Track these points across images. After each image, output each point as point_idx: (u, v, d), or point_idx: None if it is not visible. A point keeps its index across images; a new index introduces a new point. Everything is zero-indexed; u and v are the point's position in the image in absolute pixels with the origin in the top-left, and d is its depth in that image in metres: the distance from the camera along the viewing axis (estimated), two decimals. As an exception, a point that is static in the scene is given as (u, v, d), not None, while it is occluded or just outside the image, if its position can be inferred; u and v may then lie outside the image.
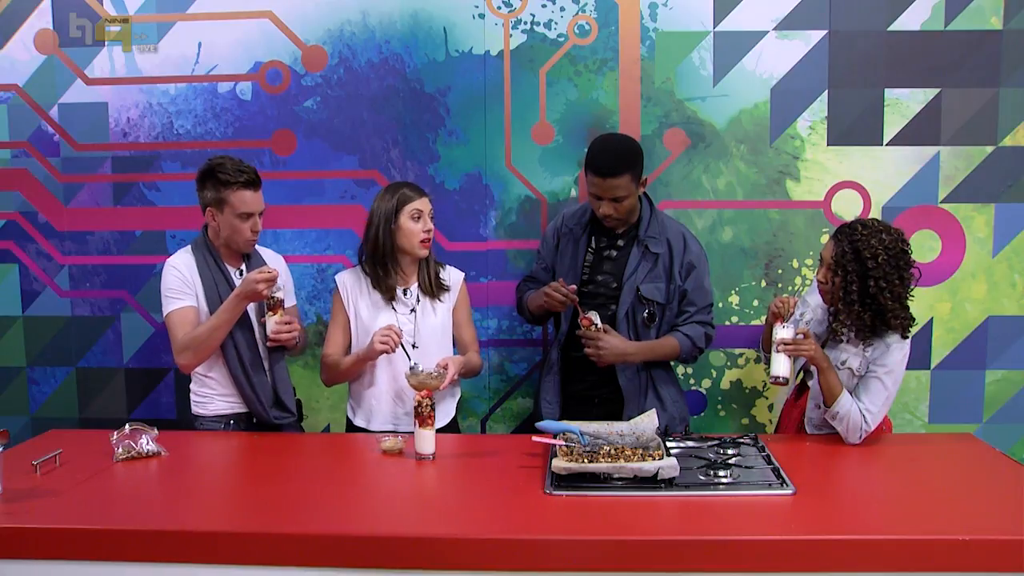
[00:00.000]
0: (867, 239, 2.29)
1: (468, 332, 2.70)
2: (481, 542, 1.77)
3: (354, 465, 2.31)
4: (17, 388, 3.26)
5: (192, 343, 2.48)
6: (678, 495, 1.97)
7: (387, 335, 2.45)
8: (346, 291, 2.64)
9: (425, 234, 2.56)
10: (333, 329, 2.66)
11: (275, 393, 2.61)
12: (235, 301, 2.46)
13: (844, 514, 1.94)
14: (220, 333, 2.48)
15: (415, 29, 3.01)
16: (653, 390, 2.63)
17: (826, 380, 2.31)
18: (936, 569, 1.72)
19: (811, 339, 2.31)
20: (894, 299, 2.29)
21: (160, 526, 1.86)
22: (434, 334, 2.61)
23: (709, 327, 2.65)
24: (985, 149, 2.95)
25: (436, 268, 2.66)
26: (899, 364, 2.34)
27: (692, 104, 2.99)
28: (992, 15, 2.90)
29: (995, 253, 2.99)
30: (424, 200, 2.57)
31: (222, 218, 2.52)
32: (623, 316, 2.59)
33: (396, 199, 2.55)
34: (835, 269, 2.33)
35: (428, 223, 2.57)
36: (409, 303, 2.61)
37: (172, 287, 2.53)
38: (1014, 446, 3.03)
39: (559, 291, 2.53)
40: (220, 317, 2.47)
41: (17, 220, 3.19)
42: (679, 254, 2.61)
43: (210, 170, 2.51)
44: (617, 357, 2.54)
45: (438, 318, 2.62)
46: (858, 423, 2.30)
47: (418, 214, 2.55)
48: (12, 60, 3.12)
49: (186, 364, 2.53)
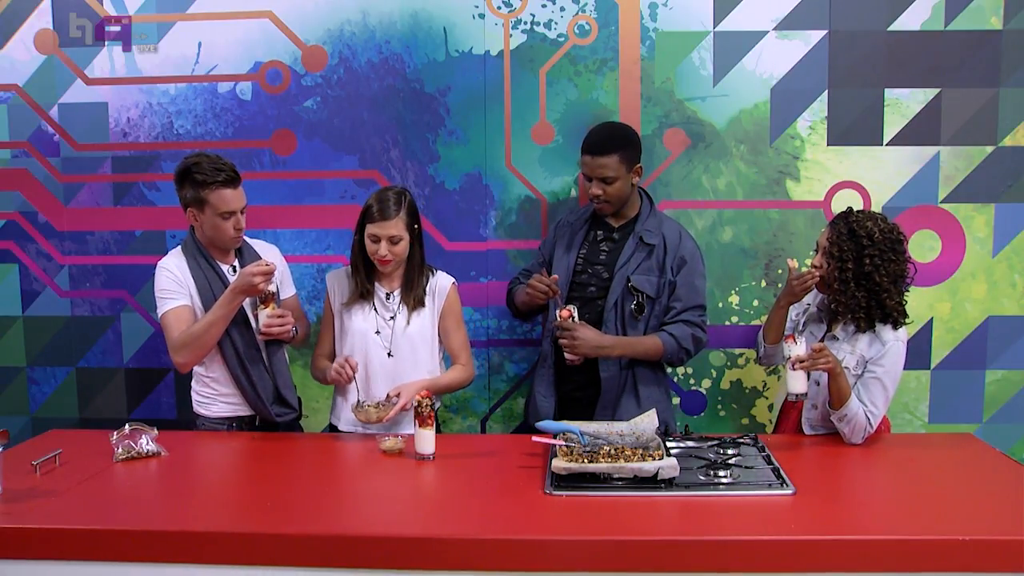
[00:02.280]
0: (863, 222, 2.37)
1: (456, 339, 2.64)
2: (481, 542, 1.77)
3: (354, 465, 2.31)
4: (17, 388, 3.26)
5: (189, 340, 2.45)
6: (678, 495, 1.97)
7: (340, 369, 2.45)
8: (333, 290, 2.65)
9: (380, 257, 2.48)
10: (322, 329, 2.69)
11: (275, 389, 2.60)
12: (231, 296, 2.43)
13: (844, 514, 1.94)
14: (216, 329, 2.45)
15: (415, 29, 3.01)
16: (633, 390, 2.62)
17: (837, 384, 2.31)
18: (936, 569, 1.72)
19: (826, 351, 2.29)
20: (889, 280, 2.33)
21: (160, 526, 1.86)
22: (411, 343, 2.56)
23: (699, 329, 2.62)
24: (985, 149, 2.95)
25: (426, 275, 2.60)
26: (897, 363, 2.36)
27: (692, 104, 2.99)
28: (992, 15, 2.90)
29: (995, 253, 2.99)
30: (384, 224, 2.45)
31: (204, 218, 2.49)
32: (611, 306, 2.60)
33: (364, 213, 2.50)
34: (831, 251, 2.38)
35: (384, 249, 2.46)
36: (391, 308, 2.58)
37: (165, 287, 2.51)
38: (1014, 446, 3.03)
39: (542, 282, 2.53)
40: (216, 313, 2.44)
41: (17, 220, 3.19)
42: (673, 248, 2.62)
43: (186, 170, 2.46)
44: (591, 350, 2.53)
45: (417, 327, 2.56)
46: (863, 424, 2.32)
47: (375, 238, 2.47)
48: (12, 60, 3.12)
49: (183, 363, 2.50)
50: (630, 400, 2.61)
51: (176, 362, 2.51)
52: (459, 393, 3.10)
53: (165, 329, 2.52)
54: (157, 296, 2.53)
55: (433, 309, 2.60)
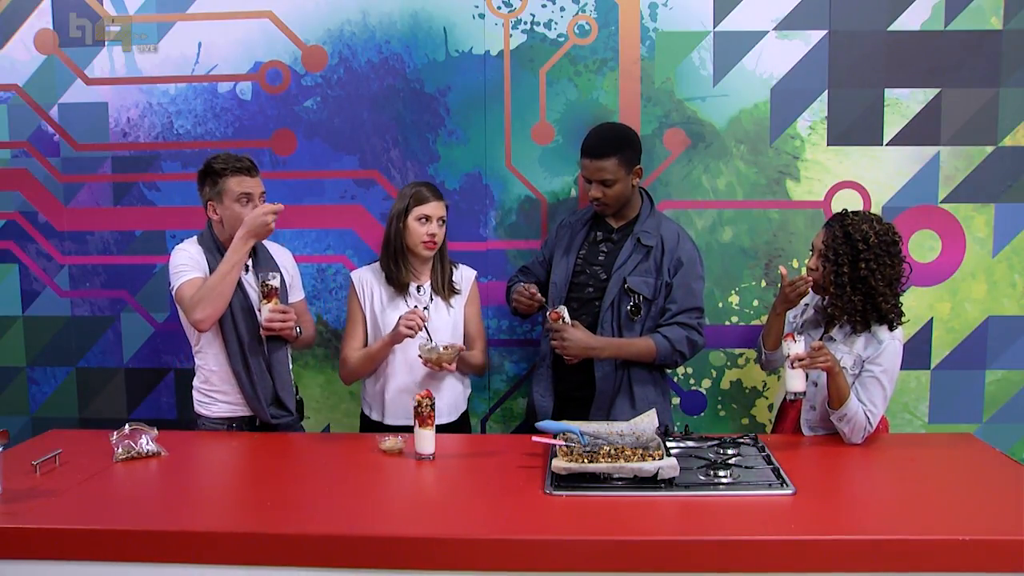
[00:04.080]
0: (858, 224, 2.36)
1: (475, 327, 2.75)
2: (481, 542, 1.77)
3: (354, 465, 2.31)
4: (17, 388, 3.26)
5: (205, 293, 2.43)
6: (678, 495, 1.97)
7: (412, 318, 2.49)
8: (362, 287, 2.68)
9: (428, 236, 2.59)
10: (352, 327, 2.69)
11: (274, 389, 2.60)
12: (243, 240, 2.44)
13: (844, 514, 1.94)
14: (231, 278, 2.45)
15: (415, 29, 3.01)
16: (628, 390, 2.62)
17: (836, 384, 2.31)
18: (936, 569, 1.72)
19: (825, 349, 2.29)
20: (885, 283, 2.33)
21: (160, 526, 1.86)
22: (445, 331, 2.64)
23: (694, 331, 2.60)
24: (985, 149, 2.95)
25: (450, 268, 2.71)
26: (894, 362, 2.36)
27: (692, 104, 2.99)
28: (992, 15, 2.90)
29: (995, 253, 2.99)
30: (436, 204, 2.61)
31: (223, 209, 2.51)
32: (607, 307, 2.60)
33: (410, 199, 2.61)
34: (826, 254, 2.38)
35: (434, 227, 2.60)
36: (423, 300, 2.65)
37: (182, 263, 2.51)
38: (1014, 446, 3.03)
39: (522, 294, 2.59)
40: (229, 261, 2.44)
41: (17, 220, 3.19)
42: (671, 250, 2.61)
43: (206, 165, 2.54)
44: (582, 351, 2.53)
45: (450, 317, 2.67)
46: (863, 424, 2.32)
47: (425, 218, 2.59)
48: (12, 60, 3.12)
49: (203, 318, 2.44)
50: (624, 401, 2.61)
51: (196, 319, 2.45)
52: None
53: (181, 298, 2.48)
54: (172, 272, 2.52)
55: (462, 299, 2.72)
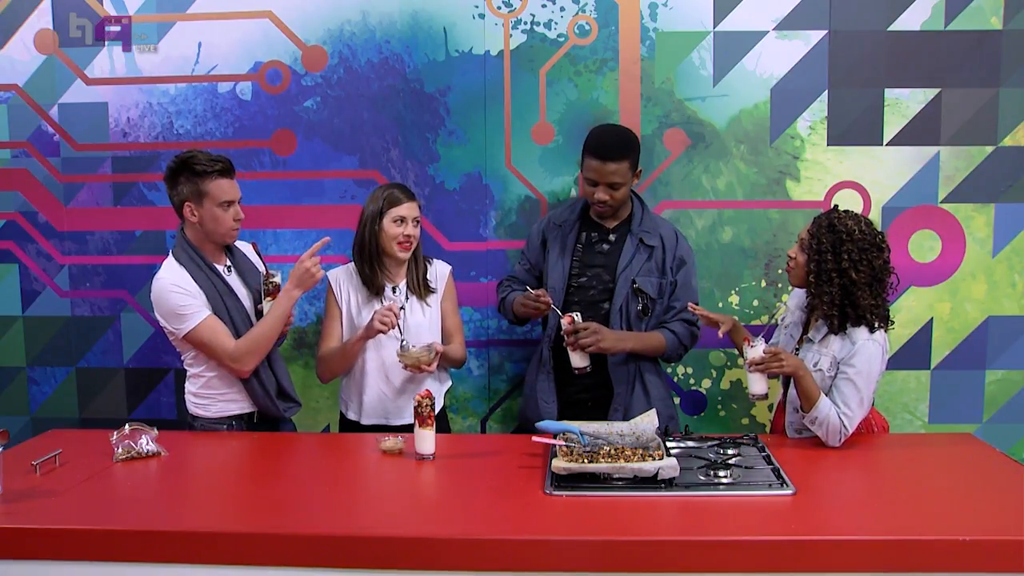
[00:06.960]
0: (843, 220, 2.35)
1: (452, 321, 2.75)
2: (481, 542, 1.77)
3: (354, 465, 2.31)
4: (17, 388, 3.26)
5: (253, 347, 2.45)
6: (678, 495, 1.97)
7: (386, 314, 2.49)
8: (338, 287, 2.69)
9: (404, 237, 2.60)
10: (329, 324, 2.70)
11: (278, 384, 2.60)
12: (288, 294, 2.47)
13: (844, 514, 1.94)
14: (277, 329, 2.49)
15: (415, 29, 3.01)
16: (640, 380, 2.64)
17: (802, 387, 2.30)
18: (936, 569, 1.72)
19: (780, 354, 2.30)
20: (865, 280, 2.30)
21: (160, 526, 1.86)
22: (420, 331, 2.64)
23: (695, 327, 2.67)
24: (985, 149, 2.95)
25: (424, 267, 2.71)
26: (869, 363, 2.30)
27: (692, 104, 2.99)
28: (992, 15, 2.90)
29: (995, 253, 2.99)
30: (410, 206, 2.61)
31: (202, 211, 2.47)
32: (617, 309, 2.61)
33: (383, 201, 2.61)
34: (810, 243, 2.37)
35: (409, 228, 2.60)
36: (399, 301, 2.65)
37: (183, 304, 2.43)
38: (1014, 446, 3.03)
39: (529, 298, 2.56)
40: (276, 315, 2.47)
41: (17, 220, 3.19)
42: (671, 249, 2.64)
43: (182, 163, 2.46)
44: (615, 341, 2.54)
45: (425, 316, 2.68)
46: (837, 427, 2.28)
47: (400, 219, 2.59)
48: (12, 60, 3.12)
49: (249, 368, 2.48)
50: (639, 391, 2.63)
51: (239, 370, 2.47)
52: (459, 393, 3.11)
53: (205, 343, 2.45)
54: (174, 314, 2.43)
55: (437, 296, 2.72)
